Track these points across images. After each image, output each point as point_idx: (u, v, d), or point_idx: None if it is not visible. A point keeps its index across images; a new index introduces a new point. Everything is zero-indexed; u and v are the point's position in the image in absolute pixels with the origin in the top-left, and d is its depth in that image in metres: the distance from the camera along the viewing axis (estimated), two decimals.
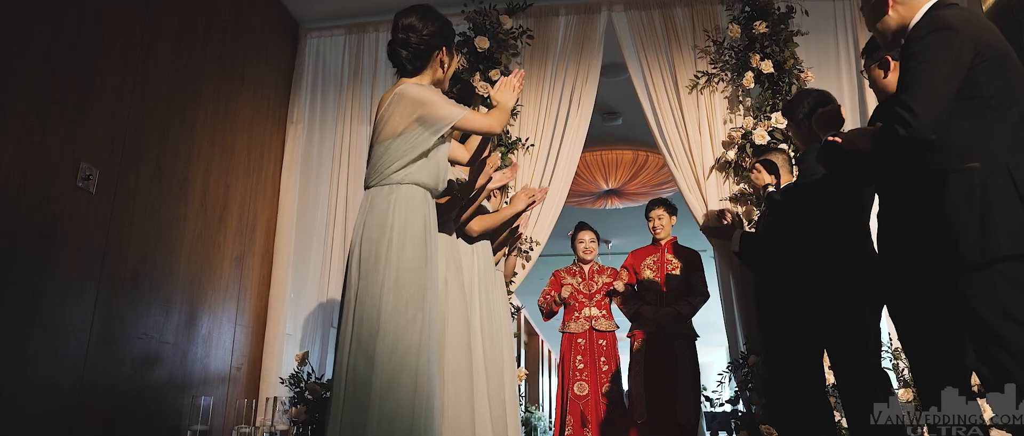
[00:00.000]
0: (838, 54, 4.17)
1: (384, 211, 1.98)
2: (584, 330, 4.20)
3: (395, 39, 2.14)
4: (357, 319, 1.90)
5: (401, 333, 1.88)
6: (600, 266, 4.44)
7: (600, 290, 4.30)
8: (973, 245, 1.60)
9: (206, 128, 3.63)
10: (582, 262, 4.41)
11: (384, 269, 1.92)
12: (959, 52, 1.66)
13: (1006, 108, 1.66)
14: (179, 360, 3.37)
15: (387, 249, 1.94)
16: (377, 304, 1.89)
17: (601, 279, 4.35)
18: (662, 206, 4.27)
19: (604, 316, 4.24)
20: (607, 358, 4.15)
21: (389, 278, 1.92)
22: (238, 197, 3.92)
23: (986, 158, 1.64)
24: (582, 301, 4.27)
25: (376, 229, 1.97)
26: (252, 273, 4.04)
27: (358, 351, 1.87)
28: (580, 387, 4.07)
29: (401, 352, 1.86)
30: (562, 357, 4.23)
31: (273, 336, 4.08)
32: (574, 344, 4.18)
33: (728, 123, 4.04)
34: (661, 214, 4.24)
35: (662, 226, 4.22)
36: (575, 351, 4.15)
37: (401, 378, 1.84)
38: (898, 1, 1.85)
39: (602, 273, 4.38)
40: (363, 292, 1.92)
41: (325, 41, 4.65)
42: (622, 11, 4.33)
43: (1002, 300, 1.57)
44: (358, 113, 4.46)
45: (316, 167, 4.45)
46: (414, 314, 1.92)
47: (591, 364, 4.10)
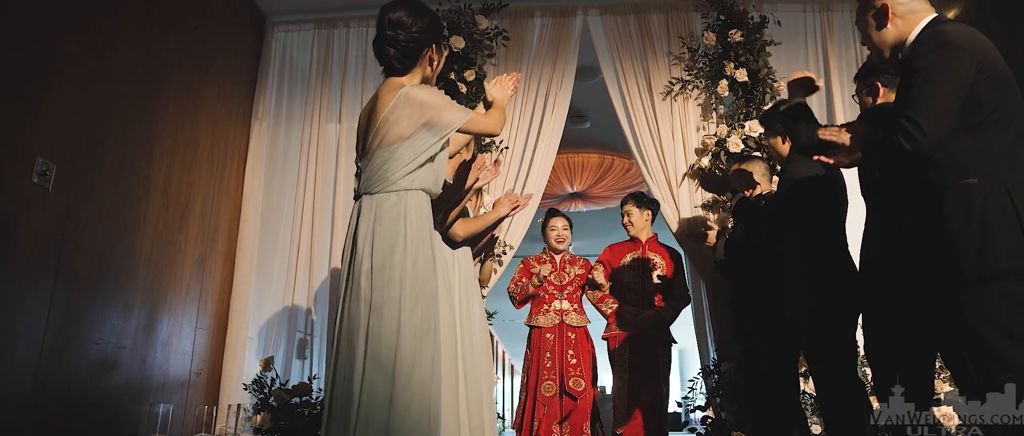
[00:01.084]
0: (808, 65, 4.24)
1: (396, 220, 1.91)
2: (553, 324, 3.84)
3: (382, 36, 2.04)
4: (372, 334, 1.83)
5: (419, 348, 1.83)
6: (572, 256, 4.10)
7: (572, 282, 3.96)
8: (973, 260, 1.62)
9: (169, 123, 3.47)
10: (553, 251, 4.06)
11: (401, 281, 1.86)
12: (964, 69, 1.68)
13: (1005, 126, 1.69)
14: (137, 366, 3.21)
15: (402, 259, 1.88)
16: (396, 318, 1.83)
17: (573, 270, 4.00)
18: (632, 201, 4.00)
19: (576, 310, 3.91)
20: (576, 352, 3.79)
21: (405, 290, 1.86)
22: (200, 196, 3.76)
23: (984, 175, 1.67)
24: (552, 293, 3.93)
25: (387, 239, 1.90)
26: (214, 275, 3.88)
27: (375, 368, 1.80)
28: (548, 388, 3.71)
29: (420, 368, 1.82)
30: (530, 353, 3.89)
31: (235, 340, 3.92)
32: (542, 340, 3.83)
33: (701, 130, 4.07)
34: (631, 209, 3.97)
35: (632, 222, 3.95)
36: (543, 347, 3.81)
37: (419, 395, 1.80)
38: (897, 15, 1.87)
39: (574, 264, 4.04)
40: (379, 305, 1.84)
41: (293, 35, 4.51)
42: (598, 15, 4.33)
43: (1001, 317, 1.60)
44: (326, 111, 4.33)
45: (281, 166, 4.31)
46: (429, 327, 1.87)
47: (560, 361, 3.77)
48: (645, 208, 3.97)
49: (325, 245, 4.12)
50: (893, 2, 1.87)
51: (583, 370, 3.73)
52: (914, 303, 1.95)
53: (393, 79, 2.07)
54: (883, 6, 1.88)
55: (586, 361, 3.78)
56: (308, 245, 4.10)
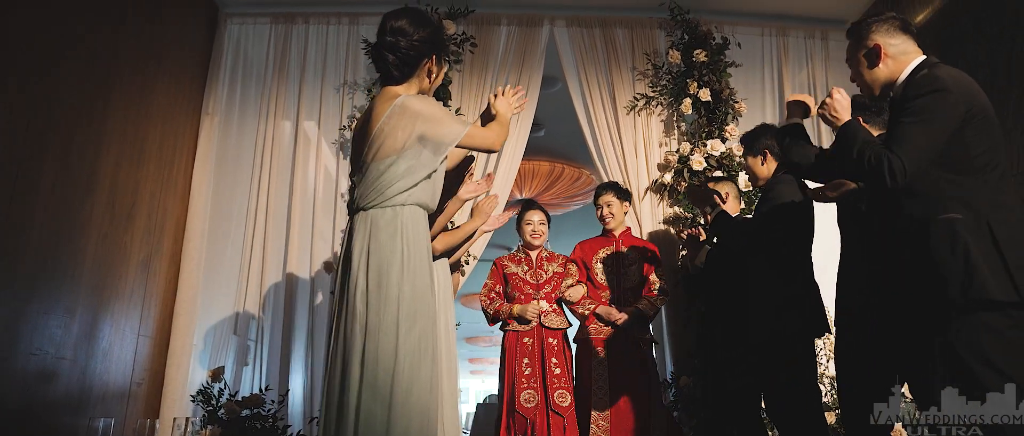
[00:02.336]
0: (764, 87, 4.38)
1: (392, 236, 1.84)
2: (531, 327, 3.51)
3: (382, 42, 1.97)
4: (368, 356, 1.77)
5: (416, 371, 1.78)
6: (550, 253, 3.77)
7: (550, 280, 3.64)
8: (958, 290, 1.70)
9: (118, 117, 3.25)
10: (529, 247, 3.72)
11: (397, 300, 1.80)
12: (952, 114, 1.78)
13: (990, 168, 1.80)
14: (77, 377, 2.99)
15: (399, 278, 1.81)
16: (393, 339, 1.77)
17: (551, 267, 3.67)
18: (612, 191, 3.70)
19: (555, 311, 3.58)
20: (559, 360, 3.45)
21: (403, 310, 1.80)
22: (148, 194, 3.54)
23: (970, 211, 1.76)
24: (529, 293, 3.58)
25: (383, 256, 1.83)
26: (158, 278, 3.66)
27: (371, 393, 1.74)
28: (528, 397, 3.36)
29: (416, 392, 1.76)
30: (505, 359, 3.53)
31: (178, 348, 3.70)
32: (520, 345, 3.47)
33: (664, 146, 4.14)
34: (611, 200, 3.65)
35: (612, 214, 3.63)
36: (521, 353, 3.46)
37: (417, 421, 1.74)
38: (888, 55, 1.94)
39: (552, 261, 3.70)
40: (375, 326, 1.78)
41: (248, 29, 4.31)
42: (564, 26, 4.33)
43: (983, 347, 1.68)
44: (283, 109, 4.16)
45: (233, 164, 4.10)
46: (426, 348, 1.82)
47: (539, 368, 3.43)
48: (624, 199, 3.73)
49: (279, 248, 3.95)
50: (885, 43, 1.94)
51: (568, 381, 3.42)
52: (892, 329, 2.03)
53: (389, 88, 2.00)
54: (876, 46, 1.95)
55: (569, 370, 3.48)
56: (261, 248, 3.92)
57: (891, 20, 1.95)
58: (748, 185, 3.77)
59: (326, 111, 4.16)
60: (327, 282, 3.86)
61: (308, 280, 3.90)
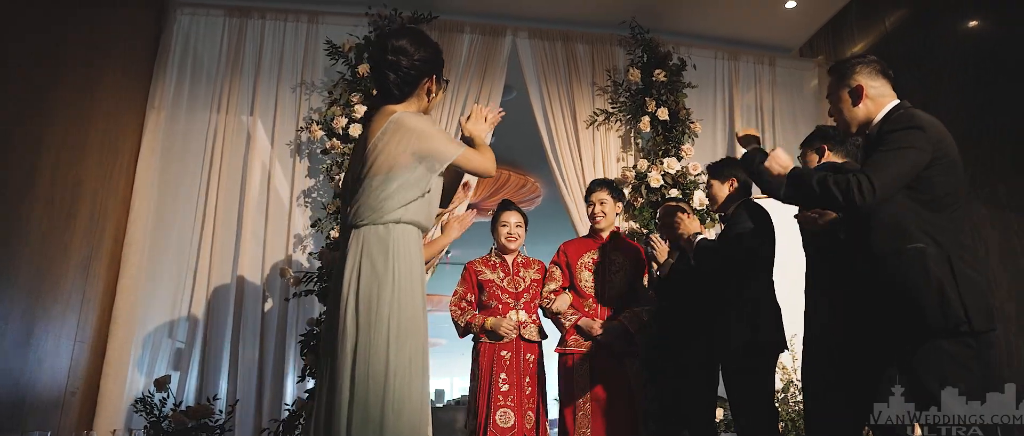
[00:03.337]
0: (715, 108, 4.55)
1: (384, 255, 1.82)
2: (509, 340, 3.18)
3: (383, 62, 1.98)
4: (358, 376, 1.74)
5: (406, 391, 1.76)
6: (525, 258, 3.44)
7: (528, 289, 3.30)
8: (936, 316, 1.83)
9: (63, 109, 3.05)
10: (504, 252, 3.38)
11: (389, 320, 1.78)
12: (924, 150, 1.92)
13: (952, 208, 1.95)
14: (10, 387, 2.78)
15: (391, 297, 1.79)
16: (383, 360, 1.75)
17: (529, 274, 3.36)
18: (606, 188, 3.37)
19: (534, 322, 3.27)
20: (532, 379, 3.17)
21: (393, 330, 1.77)
22: (89, 191, 3.33)
23: (934, 244, 1.91)
24: (508, 302, 3.25)
25: (375, 275, 1.80)
26: (97, 280, 3.45)
27: (363, 413, 1.71)
28: (504, 416, 3.05)
29: (407, 413, 1.75)
30: (478, 374, 3.19)
31: (116, 355, 3.49)
32: (497, 358, 3.14)
33: (621, 161, 4.23)
34: (605, 197, 3.33)
35: (604, 213, 3.32)
36: (498, 367, 3.12)
37: None
38: (869, 96, 2.07)
39: (528, 267, 3.38)
40: (365, 346, 1.75)
41: (199, 20, 4.11)
42: (526, 38, 4.36)
43: (943, 370, 1.82)
44: (235, 106, 4.00)
45: (179, 162, 3.90)
46: (417, 368, 1.80)
47: (518, 385, 3.12)
48: (618, 199, 3.42)
49: (228, 251, 3.80)
50: (867, 84, 2.07)
51: (533, 401, 3.16)
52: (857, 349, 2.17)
53: (388, 106, 2.00)
54: (859, 86, 2.08)
55: (539, 390, 3.21)
56: (208, 250, 3.76)
57: (873, 63, 2.08)
58: (703, 204, 3.90)
59: (282, 111, 4.03)
60: (279, 287, 3.74)
61: (259, 285, 3.77)
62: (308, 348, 3.44)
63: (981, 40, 3.52)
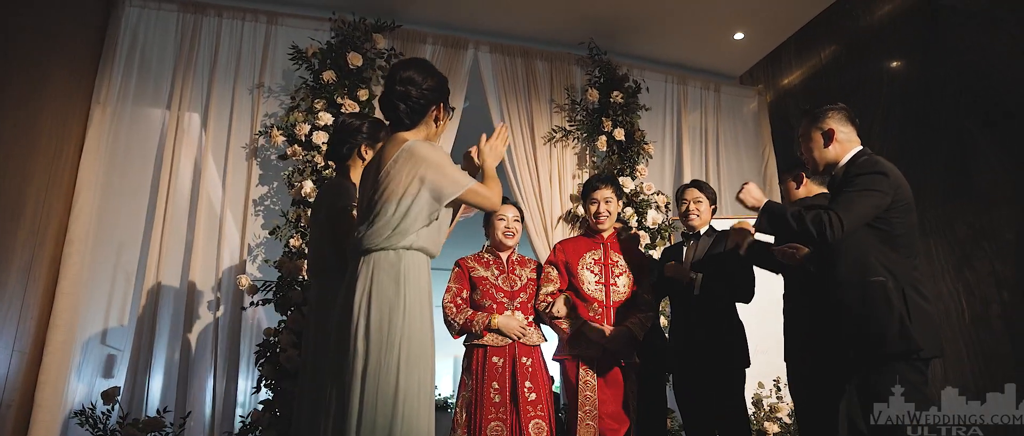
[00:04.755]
0: (664, 132, 4.75)
1: (395, 280, 1.86)
2: (503, 345, 2.91)
3: (393, 92, 2.03)
4: (367, 399, 1.76)
5: (415, 415, 1.79)
6: (520, 256, 3.21)
7: (525, 288, 3.07)
8: (895, 341, 2.04)
9: (11, 103, 2.87)
10: (499, 249, 3.14)
11: (400, 345, 1.81)
12: (886, 193, 2.15)
13: (908, 250, 2.18)
14: None
15: (402, 322, 1.83)
16: (393, 383, 1.77)
17: (525, 273, 3.12)
18: (611, 186, 3.18)
19: (530, 323, 3.01)
20: (535, 384, 2.89)
21: (404, 355, 1.81)
22: (35, 191, 3.15)
23: (892, 277, 2.13)
24: (503, 302, 3.00)
25: (386, 300, 1.84)
26: (38, 285, 3.25)
27: None
28: (495, 429, 2.79)
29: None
30: (472, 381, 2.91)
31: (53, 364, 3.29)
32: (488, 365, 2.87)
33: (577, 178, 4.35)
34: (610, 196, 3.14)
35: (609, 212, 3.14)
36: (489, 375, 2.86)
37: None
38: (837, 140, 2.28)
39: (524, 265, 3.15)
40: (375, 369, 1.78)
41: (150, 14, 3.94)
42: (487, 52, 4.42)
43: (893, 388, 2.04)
44: (188, 104, 3.86)
45: (123, 161, 3.72)
46: (425, 393, 1.83)
47: (512, 395, 2.85)
48: (621, 197, 3.29)
49: (177, 254, 3.65)
50: (838, 129, 2.28)
51: (545, 408, 2.87)
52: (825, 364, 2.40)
53: (399, 134, 2.04)
54: (830, 130, 2.28)
55: (547, 396, 2.93)
56: (157, 256, 3.60)
57: (843, 110, 2.29)
58: (655, 222, 4.09)
59: (238, 113, 3.92)
60: (234, 295, 3.64)
61: (213, 293, 3.65)
62: (264, 359, 3.36)
63: (907, 79, 3.86)
